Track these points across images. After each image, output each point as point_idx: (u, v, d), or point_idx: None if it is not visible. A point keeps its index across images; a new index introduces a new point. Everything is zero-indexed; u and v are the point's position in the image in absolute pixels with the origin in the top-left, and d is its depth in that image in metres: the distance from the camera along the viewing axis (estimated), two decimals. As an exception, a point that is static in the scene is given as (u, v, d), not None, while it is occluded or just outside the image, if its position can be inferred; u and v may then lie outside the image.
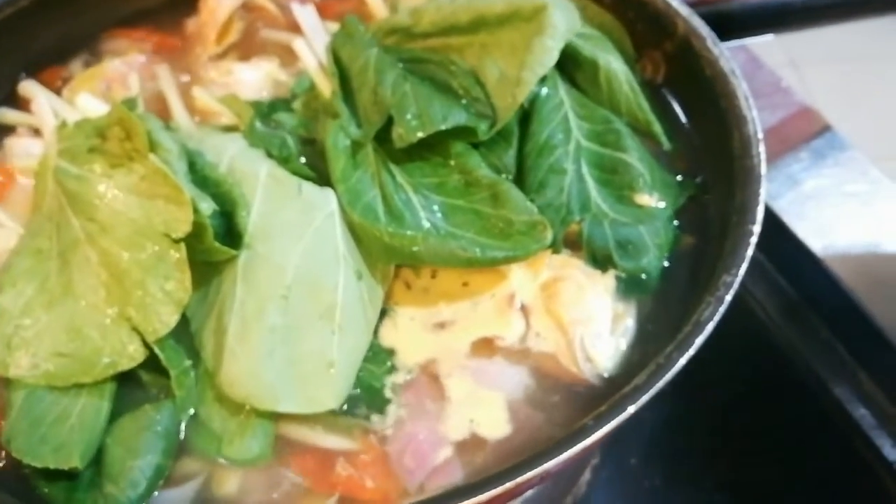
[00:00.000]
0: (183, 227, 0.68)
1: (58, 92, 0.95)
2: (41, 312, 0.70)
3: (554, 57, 0.81)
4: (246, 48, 1.00)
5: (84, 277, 0.70)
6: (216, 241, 0.69)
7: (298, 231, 0.72)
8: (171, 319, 0.68)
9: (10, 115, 0.94)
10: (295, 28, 0.98)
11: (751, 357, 1.03)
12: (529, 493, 0.82)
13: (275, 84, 0.95)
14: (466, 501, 0.54)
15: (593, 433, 0.57)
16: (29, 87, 0.95)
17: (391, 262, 0.76)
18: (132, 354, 0.68)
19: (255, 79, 0.95)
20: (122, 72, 0.95)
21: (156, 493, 0.66)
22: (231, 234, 0.72)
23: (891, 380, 1.01)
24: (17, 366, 0.68)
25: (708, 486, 0.91)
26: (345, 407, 0.70)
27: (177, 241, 0.68)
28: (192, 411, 0.69)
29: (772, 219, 1.15)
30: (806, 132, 1.26)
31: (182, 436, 0.69)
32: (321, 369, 0.68)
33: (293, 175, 0.77)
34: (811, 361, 1.03)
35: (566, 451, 0.56)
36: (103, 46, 1.02)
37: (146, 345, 0.68)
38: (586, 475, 0.91)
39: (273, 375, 0.67)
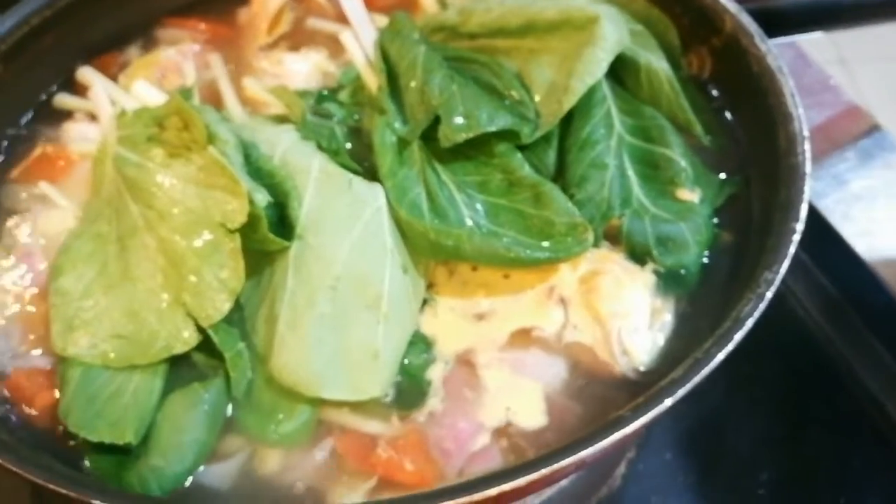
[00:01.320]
0: (239, 218, 0.70)
1: (114, 78, 0.97)
2: (100, 295, 0.73)
3: (604, 68, 0.82)
4: (295, 39, 1.02)
5: (142, 262, 0.73)
6: (270, 232, 0.71)
7: (348, 224, 0.74)
8: (225, 306, 0.70)
9: (68, 100, 0.97)
10: (343, 19, 0.99)
11: (790, 355, 1.02)
12: (565, 483, 0.83)
13: (323, 75, 0.97)
14: (504, 485, 0.55)
15: (630, 424, 0.58)
16: (86, 74, 0.98)
17: (435, 257, 0.77)
18: (186, 339, 0.70)
19: (305, 69, 0.97)
20: (176, 60, 0.97)
21: (201, 467, 0.69)
22: (283, 224, 0.74)
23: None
24: (75, 345, 0.71)
25: (743, 484, 0.91)
26: (388, 395, 0.71)
27: (232, 231, 0.71)
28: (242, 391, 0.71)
29: (816, 218, 1.14)
30: (854, 132, 1.24)
31: (229, 414, 0.71)
32: (367, 359, 0.70)
33: (343, 169, 0.79)
34: (851, 361, 1.02)
35: (602, 440, 0.57)
36: (158, 34, 1.04)
37: (200, 329, 0.70)
38: (621, 468, 0.92)
39: (321, 363, 0.69)
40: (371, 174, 0.80)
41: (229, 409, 0.72)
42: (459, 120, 0.79)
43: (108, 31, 1.02)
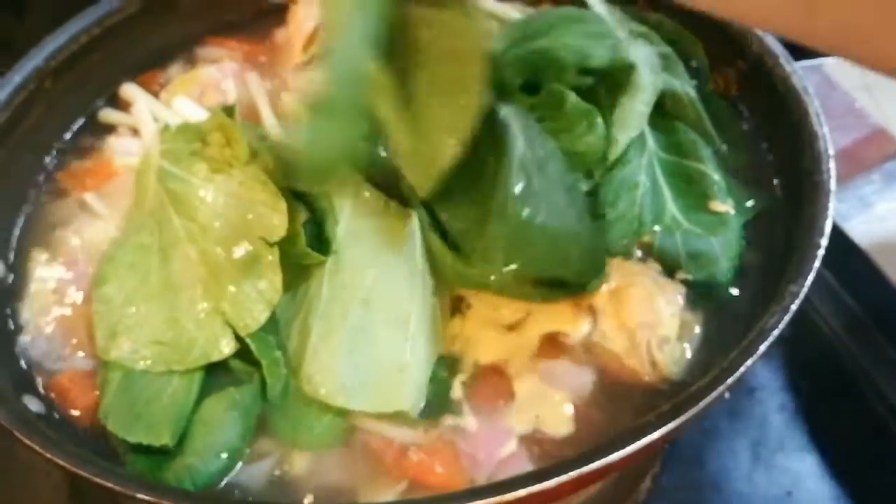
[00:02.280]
0: (278, 232, 0.73)
1: (156, 94, 1.01)
2: (142, 303, 0.75)
3: (644, 121, 0.85)
4: (330, 59, 1.05)
5: (183, 273, 0.75)
6: (307, 247, 0.73)
7: (382, 244, 0.76)
8: (262, 316, 0.72)
9: (112, 115, 1.00)
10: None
11: (815, 373, 1.03)
12: (589, 494, 0.84)
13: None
14: (532, 488, 0.57)
15: (655, 431, 0.59)
16: (129, 90, 1.01)
17: (460, 286, 0.78)
18: (223, 347, 0.72)
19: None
20: (216, 78, 1.01)
21: (237, 467, 0.71)
22: (321, 240, 0.76)
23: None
24: (118, 349, 0.74)
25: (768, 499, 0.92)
26: (416, 408, 0.73)
27: (271, 245, 0.73)
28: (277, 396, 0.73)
29: (841, 238, 1.15)
30: (879, 154, 1.25)
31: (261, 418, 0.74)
32: (394, 373, 0.72)
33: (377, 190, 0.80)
34: (875, 378, 1.03)
35: (630, 445, 0.58)
36: (199, 53, 1.08)
37: (238, 338, 0.72)
38: (646, 482, 0.93)
39: (349, 375, 0.71)
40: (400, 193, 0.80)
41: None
42: None
43: (152, 49, 1.06)
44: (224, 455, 0.71)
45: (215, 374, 0.75)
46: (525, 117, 0.79)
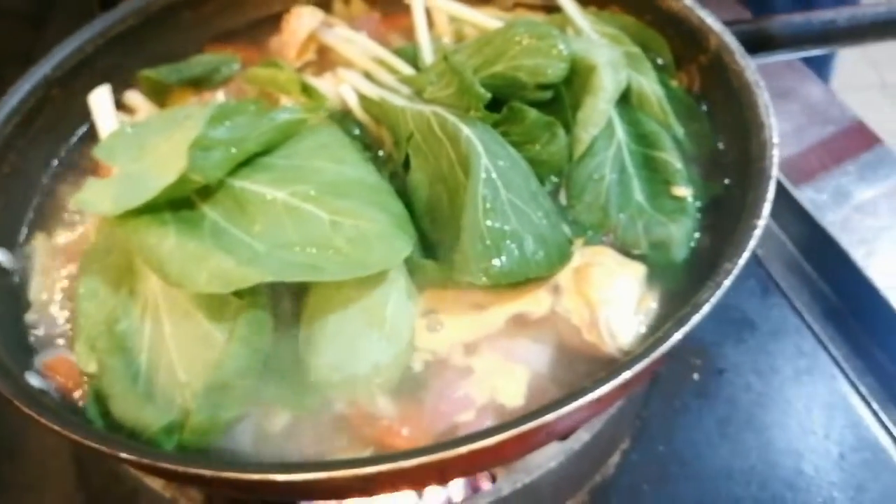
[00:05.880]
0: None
1: (160, 102, 1.08)
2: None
3: (605, 118, 0.90)
4: (321, 65, 1.12)
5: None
6: None
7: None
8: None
9: (120, 118, 1.06)
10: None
11: (784, 356, 1.07)
12: (555, 465, 0.89)
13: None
14: (474, 444, 0.63)
15: (589, 394, 0.64)
16: (133, 98, 1.08)
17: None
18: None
19: (328, 92, 1.06)
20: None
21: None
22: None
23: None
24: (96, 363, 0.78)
25: (734, 474, 0.96)
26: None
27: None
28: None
29: (817, 229, 1.19)
30: (856, 146, 1.29)
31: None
32: (370, 365, 0.77)
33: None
34: (846, 365, 1.07)
35: (563, 407, 0.64)
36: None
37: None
38: (615, 457, 0.97)
39: (338, 364, 0.77)
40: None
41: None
42: None
43: (155, 57, 1.13)
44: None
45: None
46: (488, 133, 0.85)
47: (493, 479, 0.90)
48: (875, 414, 1.01)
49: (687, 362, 1.05)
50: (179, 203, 0.75)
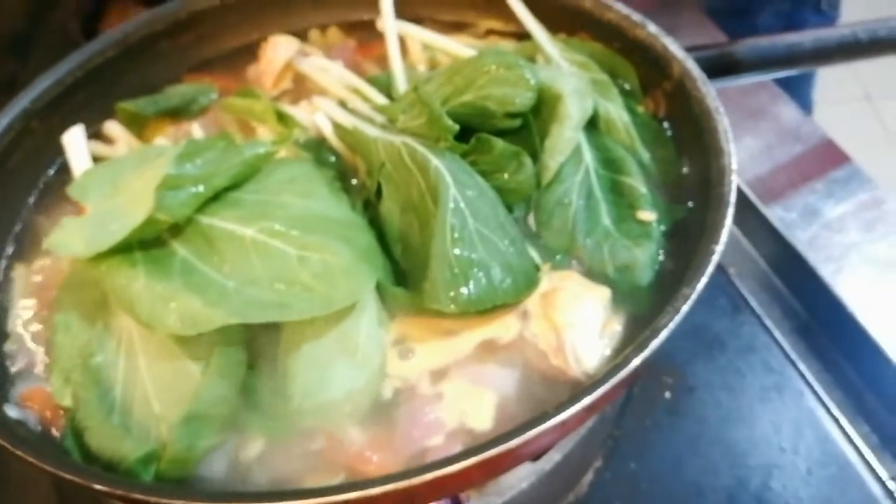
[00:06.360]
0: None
1: (138, 133, 1.10)
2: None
3: (572, 146, 0.93)
4: (296, 94, 1.14)
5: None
6: None
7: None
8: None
9: (98, 148, 1.07)
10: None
11: (754, 373, 1.10)
12: (527, 486, 0.91)
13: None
14: (439, 472, 0.64)
15: (551, 419, 0.66)
16: (112, 128, 1.10)
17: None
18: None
19: (304, 120, 1.08)
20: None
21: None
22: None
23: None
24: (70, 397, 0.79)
25: (701, 494, 0.98)
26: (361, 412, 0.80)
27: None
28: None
29: (785, 246, 1.22)
30: (826, 165, 1.32)
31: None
32: (343, 396, 0.79)
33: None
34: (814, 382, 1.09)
35: (526, 432, 0.66)
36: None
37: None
38: (589, 475, 0.99)
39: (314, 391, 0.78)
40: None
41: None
42: None
43: (134, 87, 1.14)
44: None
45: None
46: (457, 163, 0.88)
47: (466, 501, 0.92)
48: (842, 429, 1.03)
49: (659, 380, 1.08)
50: (150, 242, 0.77)
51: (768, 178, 1.31)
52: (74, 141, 0.96)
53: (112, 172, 0.84)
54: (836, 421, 1.04)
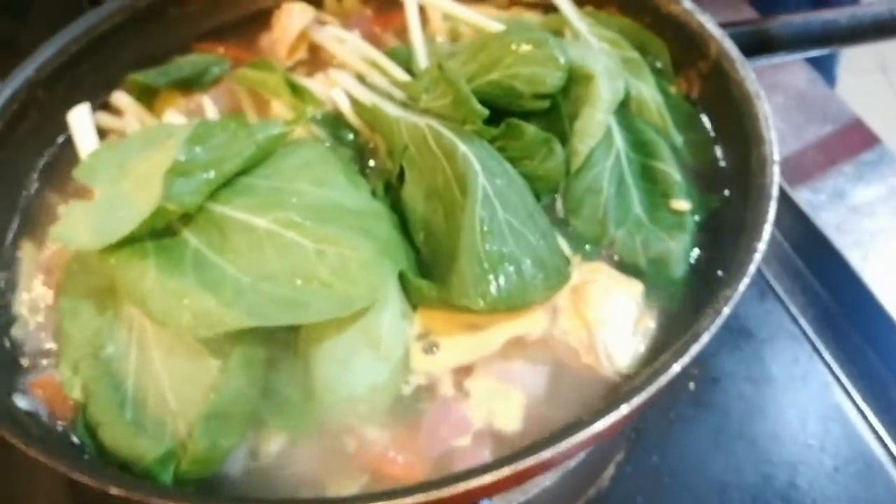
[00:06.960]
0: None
1: (148, 104, 1.06)
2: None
3: (603, 129, 0.88)
4: (312, 65, 1.09)
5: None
6: None
7: None
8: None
9: (105, 119, 1.04)
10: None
11: (780, 363, 1.07)
12: (550, 483, 0.89)
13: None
14: (471, 482, 0.62)
15: (586, 428, 0.64)
16: (120, 98, 1.06)
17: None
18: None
19: (320, 94, 1.03)
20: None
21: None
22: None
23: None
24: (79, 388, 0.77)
25: (724, 491, 0.96)
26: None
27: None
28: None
29: (812, 229, 1.18)
30: (855, 145, 1.28)
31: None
32: (366, 390, 0.77)
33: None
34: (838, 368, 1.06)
35: (562, 442, 0.63)
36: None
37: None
38: (610, 470, 0.97)
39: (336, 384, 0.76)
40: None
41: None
42: None
43: (141, 56, 1.10)
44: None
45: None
46: (485, 149, 0.83)
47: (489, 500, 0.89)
48: (870, 424, 1.01)
49: (684, 372, 1.04)
50: (161, 230, 0.74)
51: (796, 159, 1.27)
52: (80, 120, 0.91)
53: (119, 154, 0.80)
54: (864, 415, 1.01)
